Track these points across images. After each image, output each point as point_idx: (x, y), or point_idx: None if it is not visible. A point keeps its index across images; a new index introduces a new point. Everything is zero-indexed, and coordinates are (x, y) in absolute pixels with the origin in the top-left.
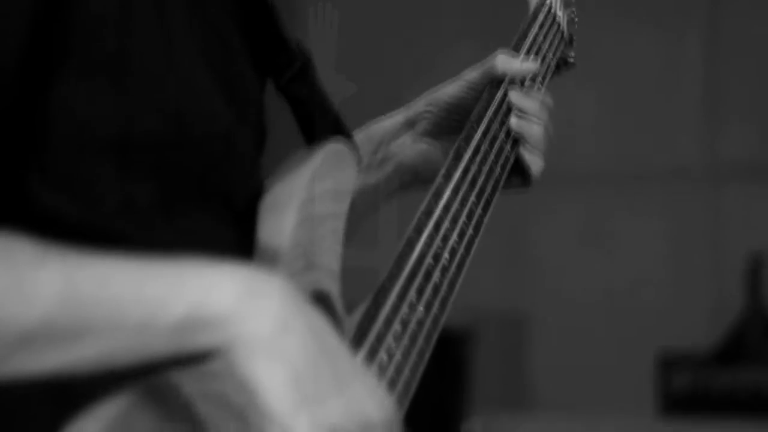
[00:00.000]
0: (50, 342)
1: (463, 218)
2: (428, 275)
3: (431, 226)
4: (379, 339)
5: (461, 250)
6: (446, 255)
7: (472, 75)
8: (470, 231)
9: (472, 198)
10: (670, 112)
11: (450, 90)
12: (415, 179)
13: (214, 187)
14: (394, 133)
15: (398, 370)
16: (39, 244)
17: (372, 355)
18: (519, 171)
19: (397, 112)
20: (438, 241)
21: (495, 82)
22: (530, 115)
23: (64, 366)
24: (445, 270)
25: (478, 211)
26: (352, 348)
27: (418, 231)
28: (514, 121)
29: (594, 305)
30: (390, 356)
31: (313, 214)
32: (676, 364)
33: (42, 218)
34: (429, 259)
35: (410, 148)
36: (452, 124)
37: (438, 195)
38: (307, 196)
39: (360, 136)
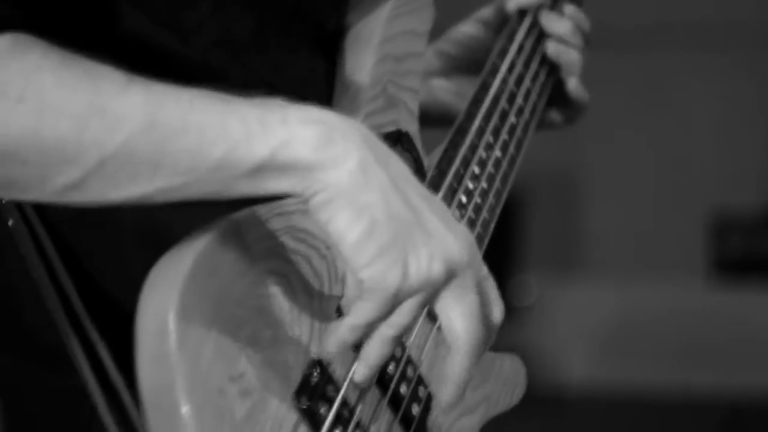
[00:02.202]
0: (128, 171)
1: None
2: (504, 116)
3: (505, 68)
4: (458, 179)
5: (534, 94)
6: (520, 99)
7: (484, 13)
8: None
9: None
10: None
11: (463, 28)
12: (425, 120)
13: (306, 17)
14: None
15: (477, 210)
16: (124, 72)
17: (451, 195)
18: (559, 102)
19: None
20: (512, 84)
21: (517, 15)
22: (566, 40)
23: (140, 196)
24: (520, 111)
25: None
26: (431, 190)
27: (493, 73)
28: (551, 47)
29: (647, 168)
30: (469, 197)
31: (391, 54)
32: (728, 228)
33: (135, 48)
34: (504, 102)
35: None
36: (466, 64)
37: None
38: (386, 35)
39: None
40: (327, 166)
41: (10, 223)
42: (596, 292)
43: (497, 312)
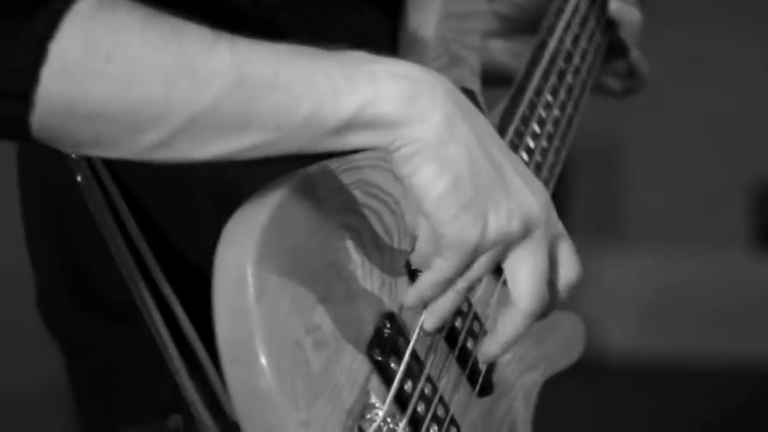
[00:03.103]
0: (216, 128)
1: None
2: (561, 75)
3: (561, 27)
4: (519, 136)
5: (590, 54)
6: (577, 59)
7: None
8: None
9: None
10: None
11: None
12: (483, 80)
13: None
14: None
15: (537, 169)
16: (210, 29)
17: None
18: (620, 71)
19: None
20: (569, 44)
21: None
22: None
23: (227, 153)
24: (577, 71)
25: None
26: None
27: (549, 32)
28: (613, 4)
29: (690, 137)
30: (530, 154)
31: (454, 12)
32: None
33: (208, 7)
34: (561, 61)
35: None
36: (522, 24)
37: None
38: None
39: None
40: (413, 120)
41: (79, 179)
42: (638, 261)
43: (570, 272)
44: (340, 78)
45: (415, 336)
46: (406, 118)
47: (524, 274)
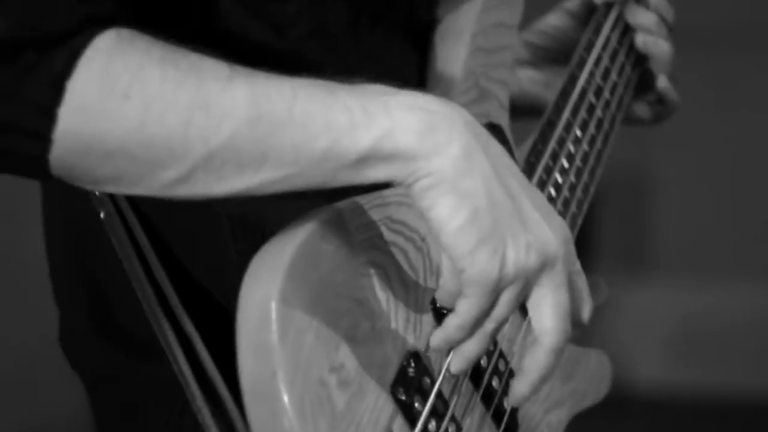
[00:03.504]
0: (234, 164)
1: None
2: (591, 110)
3: (591, 61)
4: (547, 172)
5: (620, 87)
6: (607, 93)
7: (570, 3)
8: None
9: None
10: None
11: (550, 19)
12: (513, 111)
13: (399, 8)
14: None
15: (565, 204)
16: (227, 64)
17: (540, 188)
18: (649, 99)
19: None
20: (599, 77)
21: (603, 7)
22: (653, 32)
23: (245, 188)
24: (607, 105)
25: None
26: None
27: (580, 66)
28: (639, 38)
29: (719, 168)
30: (557, 190)
31: (483, 46)
32: None
33: (230, 40)
34: (591, 95)
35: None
36: (553, 55)
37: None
38: (477, 28)
39: None
40: (430, 153)
41: (102, 215)
42: (666, 293)
43: (585, 310)
44: (358, 111)
45: (441, 378)
46: (423, 150)
47: (548, 311)
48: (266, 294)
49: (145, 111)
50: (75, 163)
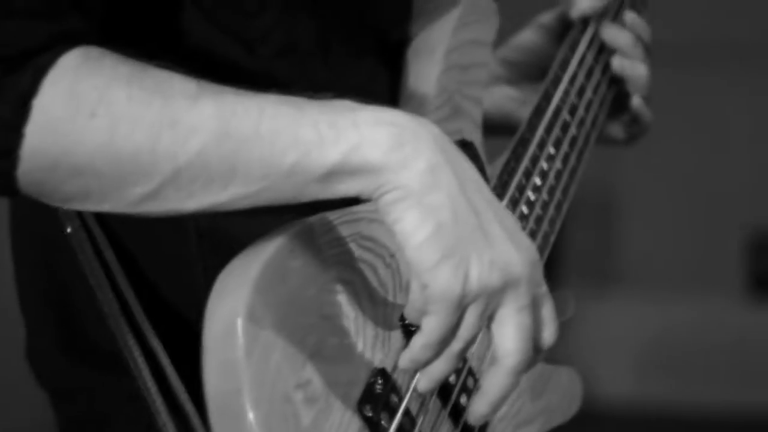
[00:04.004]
0: (202, 180)
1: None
2: (566, 127)
3: (567, 78)
4: (520, 190)
5: (595, 105)
6: (582, 111)
7: (545, 18)
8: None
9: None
10: None
11: (525, 34)
12: (487, 127)
13: (370, 26)
14: None
15: (538, 222)
16: (195, 80)
17: (513, 206)
18: (622, 119)
19: None
20: (573, 95)
21: (579, 23)
22: (629, 54)
23: (214, 204)
24: (581, 123)
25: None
26: None
27: (555, 83)
28: (616, 62)
29: (684, 184)
30: (530, 208)
31: (457, 63)
32: (765, 246)
33: (200, 57)
34: (565, 113)
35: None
36: (528, 70)
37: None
38: (451, 45)
39: None
40: (397, 167)
41: (68, 230)
42: (633, 309)
43: (548, 334)
44: (326, 126)
45: (408, 395)
46: (390, 164)
47: (509, 331)
48: (232, 310)
49: (112, 129)
50: (42, 179)
